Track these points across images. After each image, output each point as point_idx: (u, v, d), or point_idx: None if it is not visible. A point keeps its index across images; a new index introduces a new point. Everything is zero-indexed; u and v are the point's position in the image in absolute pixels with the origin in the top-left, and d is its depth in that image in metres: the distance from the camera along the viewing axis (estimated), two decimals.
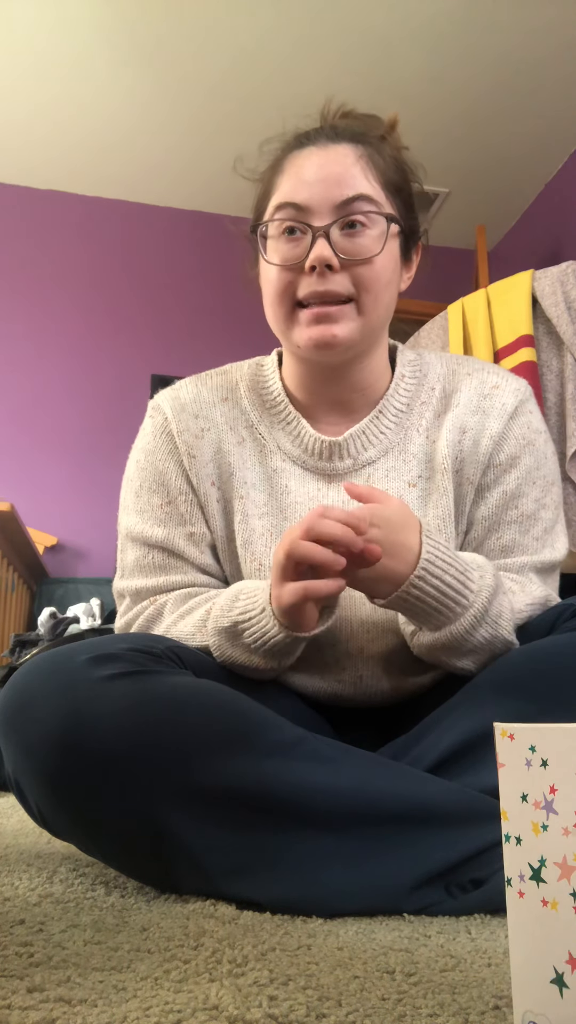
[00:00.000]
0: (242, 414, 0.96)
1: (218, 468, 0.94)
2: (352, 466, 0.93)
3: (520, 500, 0.92)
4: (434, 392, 0.95)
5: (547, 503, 0.93)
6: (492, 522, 0.92)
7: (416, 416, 0.95)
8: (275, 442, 0.95)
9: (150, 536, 0.93)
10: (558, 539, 0.94)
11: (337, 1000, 0.45)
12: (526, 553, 0.91)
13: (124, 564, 0.95)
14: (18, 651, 2.21)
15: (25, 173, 3.68)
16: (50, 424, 3.56)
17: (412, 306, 4.02)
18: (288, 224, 0.86)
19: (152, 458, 0.95)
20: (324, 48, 2.98)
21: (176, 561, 0.93)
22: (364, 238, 0.86)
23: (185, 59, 3.02)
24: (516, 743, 0.37)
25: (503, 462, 0.92)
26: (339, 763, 0.71)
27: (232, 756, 0.69)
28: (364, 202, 0.85)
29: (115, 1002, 0.44)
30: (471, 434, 0.92)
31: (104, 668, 0.71)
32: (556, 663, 0.76)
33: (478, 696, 0.79)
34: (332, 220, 0.85)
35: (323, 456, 0.93)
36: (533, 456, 0.93)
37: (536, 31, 2.91)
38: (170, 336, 3.74)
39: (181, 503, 0.93)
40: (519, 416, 0.93)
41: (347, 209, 0.85)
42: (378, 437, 0.93)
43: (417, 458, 0.93)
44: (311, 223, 0.85)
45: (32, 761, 0.70)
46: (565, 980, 0.33)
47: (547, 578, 0.93)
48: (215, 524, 0.94)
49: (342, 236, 0.85)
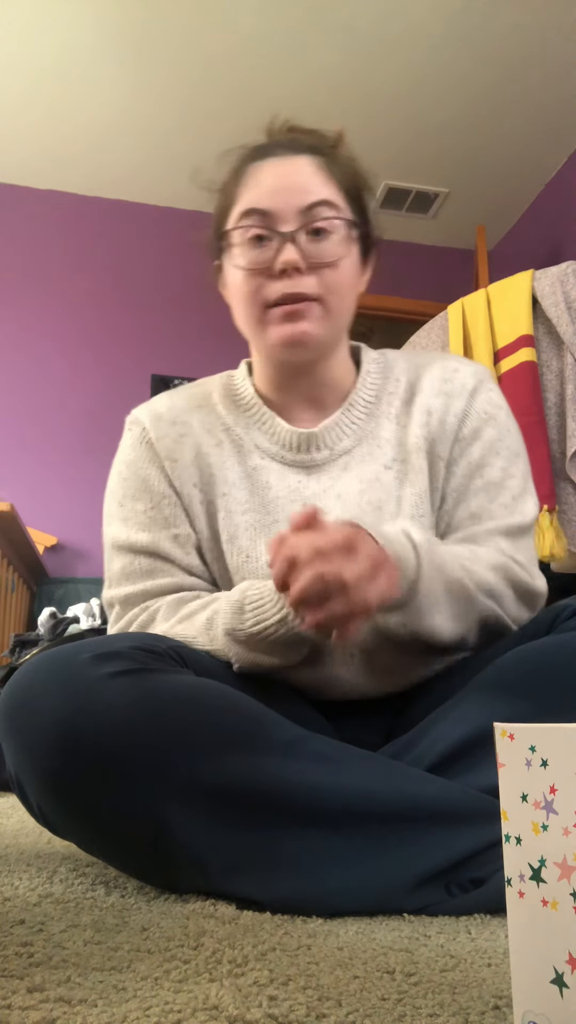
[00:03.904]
0: (218, 418, 0.99)
1: (199, 470, 0.96)
2: (330, 456, 0.96)
3: (485, 469, 0.95)
4: (400, 383, 1.00)
5: (513, 472, 0.96)
6: (461, 492, 0.95)
7: (385, 405, 0.98)
8: (252, 441, 0.97)
9: (135, 542, 0.94)
10: (527, 505, 0.96)
11: (337, 1000, 0.45)
12: (493, 519, 0.94)
13: (111, 574, 0.96)
14: (18, 651, 2.21)
15: (24, 173, 3.68)
16: (50, 424, 3.56)
17: (412, 306, 4.03)
18: (255, 231, 0.89)
19: (134, 467, 0.97)
20: (320, 48, 2.98)
21: (163, 564, 0.93)
22: (328, 242, 0.89)
23: (173, 55, 3.02)
24: (516, 743, 0.37)
25: (467, 436, 0.96)
26: (339, 762, 0.71)
27: (233, 755, 0.69)
28: (327, 208, 0.89)
29: (115, 1002, 0.44)
30: (437, 415, 0.96)
31: (106, 666, 0.71)
32: (556, 663, 0.76)
33: (478, 696, 0.79)
34: (298, 226, 0.88)
35: (300, 449, 0.96)
36: (496, 428, 0.97)
37: (536, 31, 2.91)
38: (170, 336, 3.74)
39: (165, 506, 0.95)
40: (479, 393, 0.98)
41: (311, 215, 0.89)
42: (351, 427, 0.97)
43: (390, 443, 0.96)
44: (277, 229, 0.89)
45: (33, 759, 0.70)
46: (565, 980, 0.33)
47: (517, 542, 0.94)
48: (199, 525, 0.95)
49: (308, 241, 0.89)
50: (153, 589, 0.93)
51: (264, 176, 0.91)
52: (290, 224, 0.88)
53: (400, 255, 4.07)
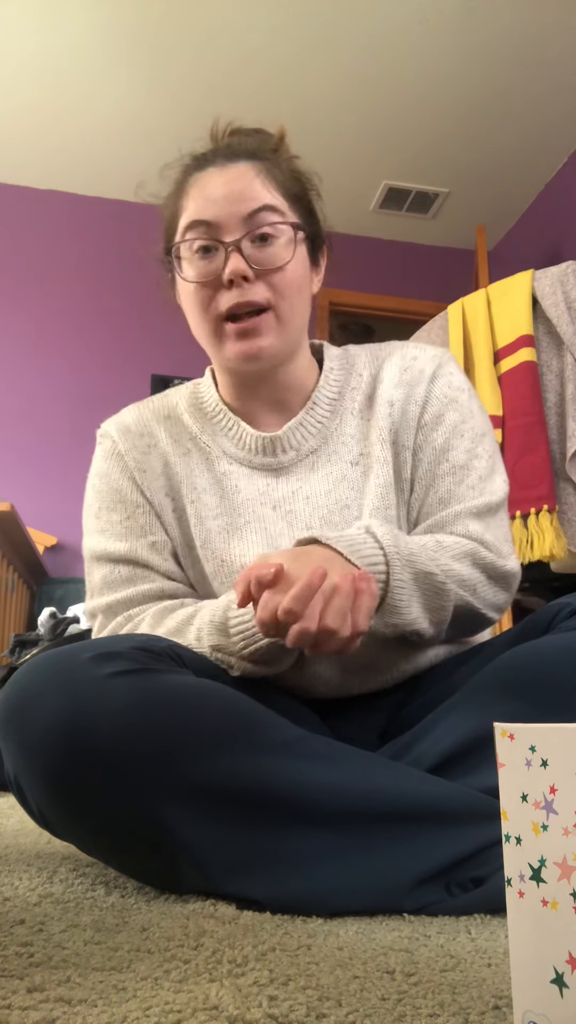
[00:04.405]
0: (184, 428, 1.00)
1: (168, 480, 0.98)
2: (296, 457, 0.97)
3: (450, 453, 0.95)
4: (362, 378, 1.00)
5: (479, 453, 0.96)
6: (428, 478, 0.95)
7: (348, 401, 0.99)
8: (219, 448, 0.98)
9: (114, 551, 0.95)
10: (495, 484, 0.96)
11: (337, 1000, 0.45)
12: (462, 502, 0.94)
13: (92, 585, 0.97)
14: (18, 651, 2.21)
15: (23, 172, 3.68)
16: (50, 424, 3.56)
17: (412, 306, 4.03)
18: (200, 242, 0.90)
19: (106, 479, 0.99)
20: (324, 51, 2.98)
21: (142, 571, 0.95)
22: (274, 247, 0.90)
23: (182, 58, 3.02)
24: (516, 743, 0.37)
25: (429, 421, 0.96)
26: (339, 762, 0.71)
27: (232, 754, 0.69)
28: (269, 213, 0.90)
29: (115, 1002, 0.44)
30: (399, 404, 0.97)
31: (106, 666, 0.71)
32: (554, 663, 0.76)
33: (478, 697, 0.79)
34: (242, 234, 0.89)
35: (266, 452, 0.97)
36: (458, 411, 0.97)
37: (536, 31, 2.91)
38: (170, 336, 3.74)
39: (139, 515, 0.96)
40: (439, 378, 0.98)
41: (254, 222, 0.89)
42: (315, 427, 0.97)
43: (355, 438, 0.97)
44: (222, 239, 0.89)
45: (33, 759, 0.70)
46: (565, 980, 0.33)
47: (488, 521, 0.94)
48: (173, 532, 0.97)
49: (253, 248, 0.89)
50: (135, 596, 0.93)
51: (205, 186, 0.91)
52: (234, 233, 0.89)
53: (400, 255, 4.07)
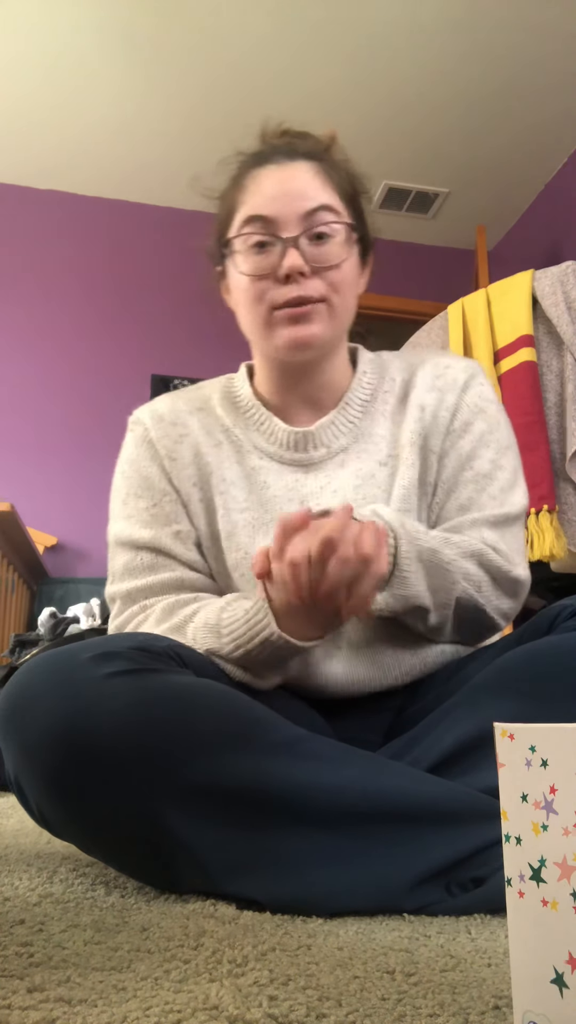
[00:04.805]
0: (217, 420, 1.01)
1: (198, 470, 0.98)
2: (326, 454, 0.98)
3: (475, 461, 0.97)
4: (395, 383, 1.02)
5: (503, 464, 0.98)
6: (451, 484, 0.97)
7: (380, 404, 1.01)
8: (251, 442, 0.99)
9: (138, 538, 0.95)
10: (515, 496, 0.97)
11: (337, 1000, 0.45)
12: (481, 510, 0.95)
13: (114, 570, 0.97)
14: (18, 651, 2.21)
15: (22, 172, 3.68)
16: (50, 424, 3.56)
17: (412, 306, 4.03)
18: (257, 237, 0.91)
19: (135, 466, 1.00)
20: (323, 49, 2.98)
21: (164, 559, 0.95)
22: (330, 245, 0.92)
23: (178, 56, 3.02)
24: (516, 743, 0.37)
25: (457, 428, 0.98)
26: (339, 762, 0.71)
27: (232, 754, 0.69)
28: (327, 212, 0.92)
29: (115, 1002, 0.44)
30: (430, 409, 0.99)
31: (105, 666, 0.71)
32: (555, 663, 0.76)
33: (478, 697, 0.79)
34: (300, 231, 0.90)
35: (297, 447, 0.98)
36: (486, 422, 0.99)
37: (536, 31, 2.91)
38: (170, 336, 3.74)
39: (166, 504, 0.97)
40: (470, 388, 1.00)
41: (312, 220, 0.91)
42: (347, 426, 0.99)
43: (385, 440, 0.99)
44: (279, 234, 0.91)
45: (33, 759, 0.70)
46: (565, 980, 0.33)
47: (503, 531, 0.95)
48: (199, 522, 0.97)
49: (310, 245, 0.91)
50: (155, 584, 0.94)
51: (264, 183, 0.93)
52: (292, 229, 0.90)
53: (400, 255, 4.07)
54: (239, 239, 0.93)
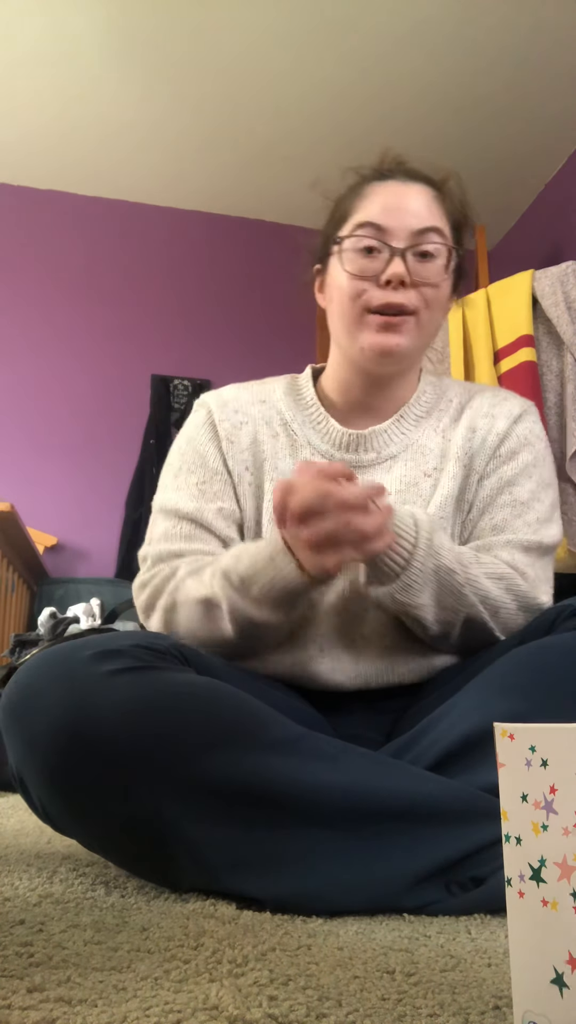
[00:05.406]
0: (277, 413, 1.06)
1: (253, 456, 1.03)
2: (376, 459, 1.02)
3: (515, 488, 0.99)
4: (451, 403, 1.07)
5: (542, 497, 1.00)
6: (487, 504, 1.00)
7: (434, 420, 1.05)
8: (306, 438, 1.04)
9: (182, 508, 0.99)
10: (551, 529, 0.99)
11: (337, 1000, 0.45)
12: (516, 533, 0.97)
13: (152, 534, 1.01)
14: (18, 651, 2.21)
15: (23, 173, 3.68)
16: (50, 424, 3.56)
17: None
18: (368, 242, 0.96)
19: (193, 443, 1.04)
20: (324, 48, 2.98)
21: (202, 532, 0.98)
22: (433, 265, 0.97)
23: (182, 58, 3.02)
24: (516, 743, 0.37)
25: (503, 454, 1.01)
26: (340, 760, 0.72)
27: (234, 752, 0.69)
28: (436, 234, 0.97)
29: (115, 1002, 0.44)
30: (480, 432, 1.03)
31: (108, 664, 0.71)
32: (556, 663, 0.76)
33: (478, 696, 0.79)
34: (408, 245, 0.96)
35: (349, 448, 1.02)
36: (532, 454, 1.02)
37: (536, 31, 2.91)
38: (170, 336, 3.74)
39: (216, 482, 1.01)
40: (523, 421, 1.04)
41: (422, 238, 0.96)
42: (400, 436, 1.03)
43: (433, 453, 1.03)
44: (390, 243, 0.96)
45: (35, 755, 0.70)
46: (565, 980, 0.33)
47: (533, 559, 0.96)
48: (245, 504, 1.01)
49: (415, 260, 0.96)
50: (187, 552, 0.97)
51: (383, 195, 0.98)
52: (401, 241, 0.96)
53: None
54: (351, 239, 0.97)
